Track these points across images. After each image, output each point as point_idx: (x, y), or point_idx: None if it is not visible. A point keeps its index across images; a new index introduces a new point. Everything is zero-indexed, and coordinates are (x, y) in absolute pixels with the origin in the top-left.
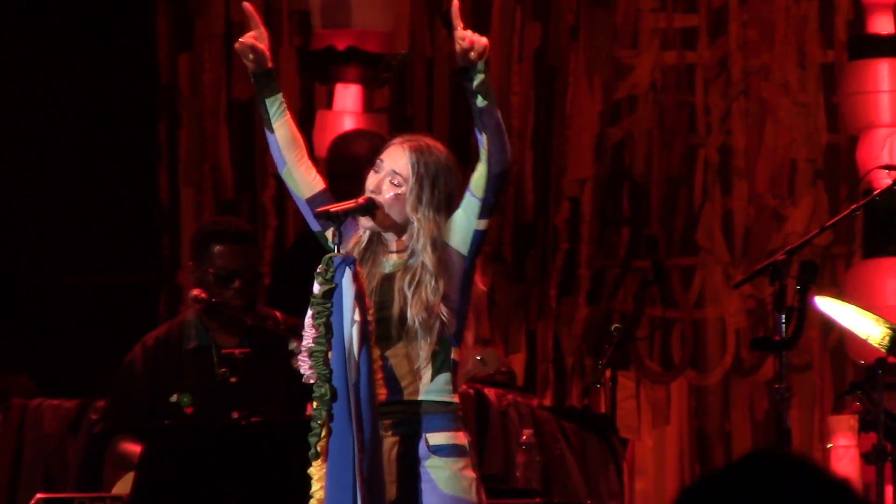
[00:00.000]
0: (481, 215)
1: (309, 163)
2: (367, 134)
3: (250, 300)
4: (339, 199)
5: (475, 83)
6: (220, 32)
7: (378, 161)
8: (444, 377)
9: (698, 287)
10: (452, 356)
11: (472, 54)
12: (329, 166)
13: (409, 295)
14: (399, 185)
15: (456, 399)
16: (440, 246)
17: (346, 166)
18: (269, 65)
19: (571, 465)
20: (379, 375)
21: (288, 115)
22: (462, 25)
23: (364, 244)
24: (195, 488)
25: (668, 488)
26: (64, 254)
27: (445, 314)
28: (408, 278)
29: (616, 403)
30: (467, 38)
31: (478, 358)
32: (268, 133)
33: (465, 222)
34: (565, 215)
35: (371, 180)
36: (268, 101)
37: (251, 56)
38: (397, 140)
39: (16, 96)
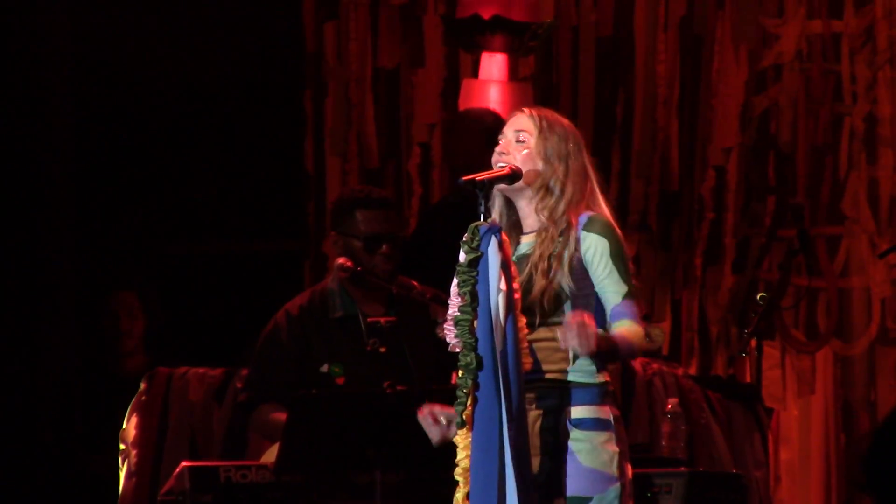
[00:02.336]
0: None
1: None
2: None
3: (397, 266)
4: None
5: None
6: (366, 1)
7: (501, 135)
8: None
9: (844, 256)
10: None
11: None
12: (448, 138)
13: (545, 269)
14: (524, 141)
15: (603, 378)
16: (565, 200)
17: (468, 131)
18: None
19: (716, 435)
20: (524, 344)
21: None
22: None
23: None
24: (340, 457)
25: (814, 458)
26: (210, 222)
27: (575, 292)
28: (543, 251)
29: (761, 373)
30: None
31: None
32: None
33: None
34: (711, 184)
35: (497, 150)
36: None
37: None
38: (514, 112)
39: (163, 67)
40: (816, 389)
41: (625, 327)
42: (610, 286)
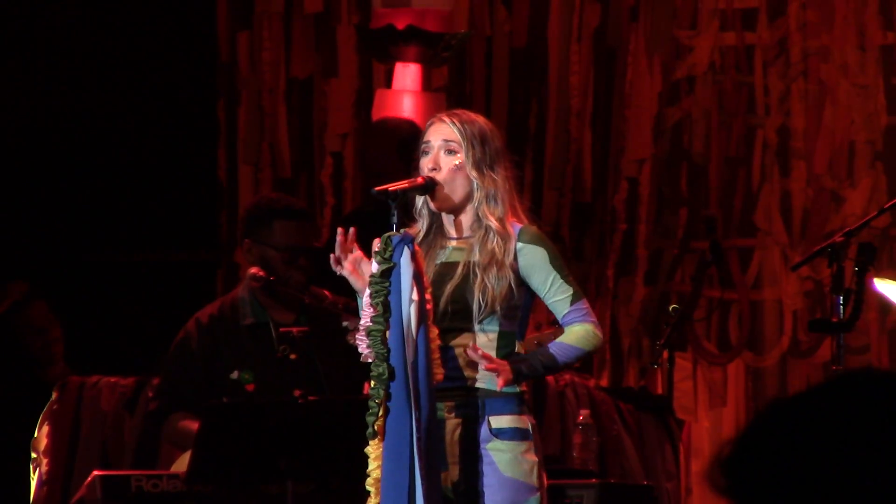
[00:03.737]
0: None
1: None
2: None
3: (311, 276)
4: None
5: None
6: (280, 10)
7: (424, 143)
8: None
9: (756, 268)
10: (517, 349)
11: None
12: (364, 147)
13: (473, 280)
14: (455, 152)
15: (521, 387)
16: (505, 207)
17: (383, 143)
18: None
19: (628, 446)
20: (436, 355)
21: None
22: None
23: (422, 235)
24: (252, 467)
25: None
26: (122, 231)
27: (510, 301)
28: (472, 262)
29: (673, 384)
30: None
31: (535, 342)
32: None
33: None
34: (623, 195)
35: (426, 162)
36: None
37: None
38: (434, 119)
39: (75, 74)
40: (728, 401)
41: (573, 333)
42: (556, 293)
